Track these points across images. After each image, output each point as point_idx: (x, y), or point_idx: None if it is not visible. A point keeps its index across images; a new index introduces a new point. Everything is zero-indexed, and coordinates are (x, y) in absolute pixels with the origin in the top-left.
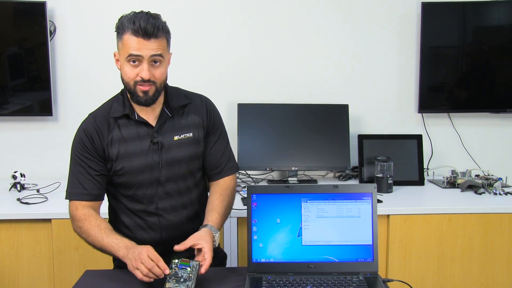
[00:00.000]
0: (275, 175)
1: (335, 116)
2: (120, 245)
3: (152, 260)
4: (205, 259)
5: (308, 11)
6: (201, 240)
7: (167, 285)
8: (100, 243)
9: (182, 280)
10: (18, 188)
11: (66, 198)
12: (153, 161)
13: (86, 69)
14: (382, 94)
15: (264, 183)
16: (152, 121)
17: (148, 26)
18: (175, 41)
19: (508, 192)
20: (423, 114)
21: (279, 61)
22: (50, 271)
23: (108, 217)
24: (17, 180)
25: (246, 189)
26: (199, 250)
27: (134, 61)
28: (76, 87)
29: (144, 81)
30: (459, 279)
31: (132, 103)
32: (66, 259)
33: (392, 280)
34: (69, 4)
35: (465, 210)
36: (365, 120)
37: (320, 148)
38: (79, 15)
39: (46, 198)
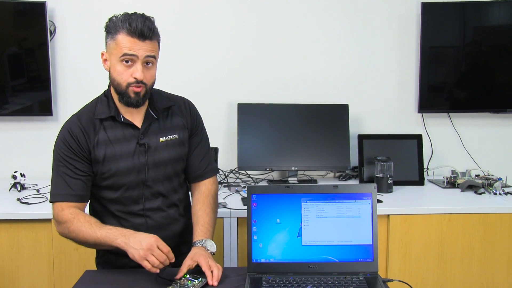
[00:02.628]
0: (275, 175)
1: (335, 116)
2: (116, 233)
3: (161, 251)
4: (209, 275)
5: (308, 11)
6: (195, 257)
7: None
8: (94, 238)
9: (186, 287)
10: (18, 188)
11: (51, 201)
12: (139, 163)
13: (86, 69)
14: (382, 94)
15: (264, 183)
16: (138, 123)
17: (144, 27)
18: (176, 42)
19: (508, 192)
20: (423, 114)
21: (279, 61)
22: (50, 271)
23: None
24: (17, 180)
25: (246, 189)
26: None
27: (127, 61)
28: (76, 87)
29: (137, 82)
30: (459, 279)
31: (118, 104)
32: (66, 259)
33: (392, 280)
34: (69, 4)
35: (465, 210)
36: (365, 120)
37: (320, 148)
38: (79, 15)
39: (46, 198)
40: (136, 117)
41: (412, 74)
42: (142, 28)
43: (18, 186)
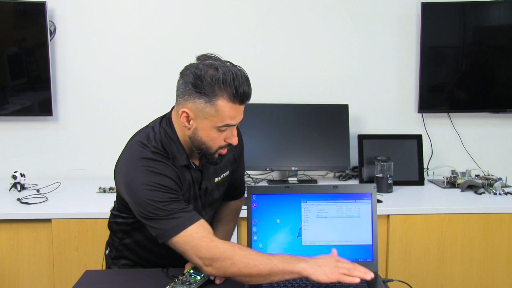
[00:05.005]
0: (275, 175)
1: (335, 116)
2: (293, 258)
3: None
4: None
5: (308, 11)
6: None
7: (171, 284)
8: (270, 265)
9: (187, 283)
10: (18, 188)
11: (181, 230)
12: (199, 206)
13: (86, 69)
14: (382, 94)
15: (264, 183)
16: (198, 164)
17: (250, 89)
18: (176, 42)
19: (508, 192)
20: (423, 114)
21: (279, 61)
22: (50, 271)
23: (110, 244)
24: (17, 180)
25: (246, 189)
26: None
27: (225, 129)
28: (76, 87)
29: (228, 145)
30: (459, 279)
31: (186, 149)
32: (66, 259)
33: (392, 280)
34: (69, 4)
35: (465, 210)
36: (365, 120)
37: (320, 148)
38: (79, 15)
39: (46, 198)
40: (196, 159)
41: (412, 74)
42: (249, 92)
43: (18, 186)
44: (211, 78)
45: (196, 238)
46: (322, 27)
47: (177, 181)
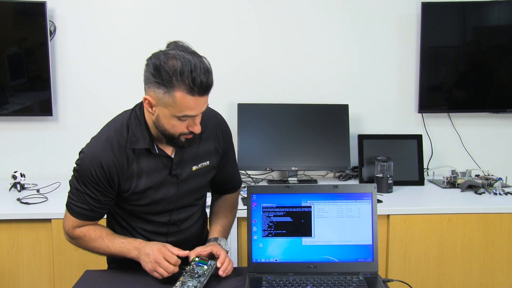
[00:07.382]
0: (275, 175)
1: (335, 116)
2: (129, 247)
3: (169, 261)
4: (223, 258)
5: (308, 11)
6: (208, 246)
7: (181, 278)
8: (108, 252)
9: (196, 276)
10: (18, 188)
11: (68, 212)
12: (169, 193)
13: (86, 69)
14: (382, 94)
15: (264, 183)
16: (171, 152)
17: (209, 83)
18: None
19: (508, 192)
20: (423, 114)
21: (279, 61)
22: (50, 271)
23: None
24: (17, 180)
25: (246, 189)
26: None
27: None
28: (76, 87)
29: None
30: (459, 279)
31: (153, 132)
32: (66, 259)
33: (392, 280)
34: (69, 4)
35: (465, 210)
36: (365, 120)
37: (320, 148)
38: (79, 15)
39: (46, 198)
40: (169, 146)
41: (412, 74)
42: (207, 84)
43: (18, 186)
44: (169, 69)
45: (69, 217)
46: (322, 27)
47: (111, 175)
